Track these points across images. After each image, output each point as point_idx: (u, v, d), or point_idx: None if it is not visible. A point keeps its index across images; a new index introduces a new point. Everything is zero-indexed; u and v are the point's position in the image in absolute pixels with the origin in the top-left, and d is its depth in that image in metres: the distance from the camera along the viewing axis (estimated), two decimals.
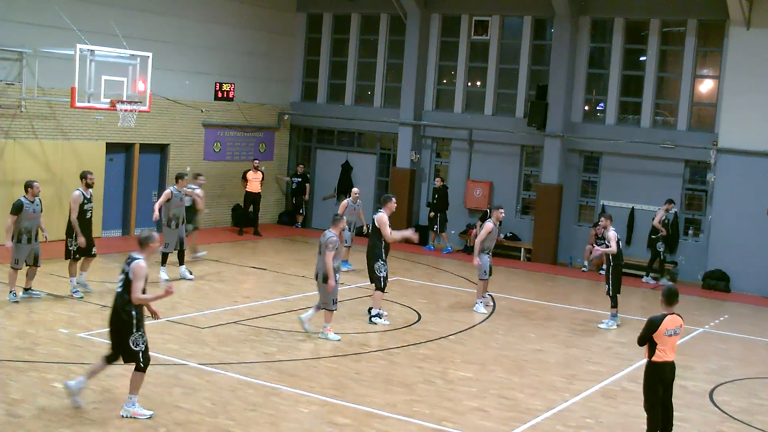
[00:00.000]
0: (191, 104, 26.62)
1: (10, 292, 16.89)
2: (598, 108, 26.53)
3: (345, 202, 22.54)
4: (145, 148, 25.81)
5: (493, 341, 16.57)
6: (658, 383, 11.10)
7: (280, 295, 19.27)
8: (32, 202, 16.99)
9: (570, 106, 25.94)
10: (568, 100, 25.80)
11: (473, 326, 17.63)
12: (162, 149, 26.43)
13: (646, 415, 11.24)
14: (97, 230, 24.04)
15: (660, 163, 24.83)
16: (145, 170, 25.96)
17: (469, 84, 28.11)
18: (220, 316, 16.96)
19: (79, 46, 19.92)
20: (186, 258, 20.50)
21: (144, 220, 25.94)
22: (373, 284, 17.32)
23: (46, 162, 22.96)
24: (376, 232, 17.24)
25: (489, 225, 18.74)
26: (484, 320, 18.20)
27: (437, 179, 27.18)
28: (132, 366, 11.40)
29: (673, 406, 11.38)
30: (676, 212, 24.47)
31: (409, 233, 17.91)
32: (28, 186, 17.06)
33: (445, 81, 28.60)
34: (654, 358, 11.02)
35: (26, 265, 17.06)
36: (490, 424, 12.03)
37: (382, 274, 17.14)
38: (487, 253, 18.93)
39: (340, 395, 12.71)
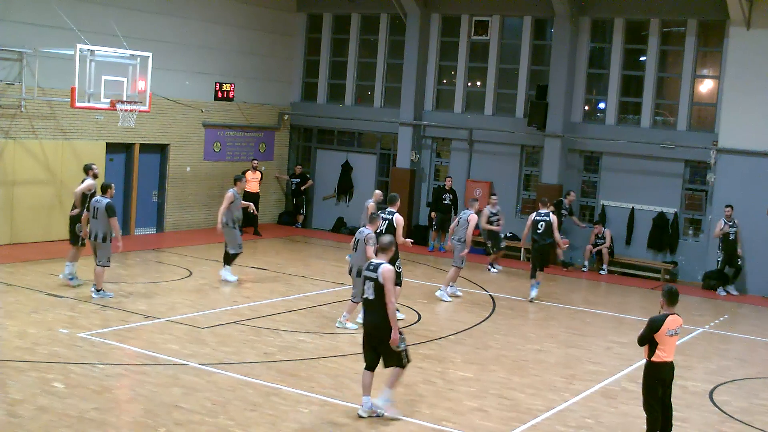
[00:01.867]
0: (191, 104, 26.63)
1: (100, 290, 17.63)
2: (598, 108, 26.53)
3: (371, 204, 22.08)
4: (145, 148, 25.81)
5: (493, 341, 16.57)
6: (658, 383, 11.10)
7: (280, 295, 19.27)
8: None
9: (570, 106, 25.95)
10: (568, 100, 25.81)
11: (473, 326, 17.63)
12: (162, 149, 26.43)
13: (645, 415, 11.24)
14: None
15: (660, 163, 24.83)
16: (145, 170, 25.96)
17: (469, 84, 28.12)
18: (220, 316, 16.96)
19: (79, 46, 19.94)
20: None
21: (144, 220, 26.00)
22: None
23: (46, 162, 22.96)
24: (392, 232, 17.29)
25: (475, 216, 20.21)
26: (483, 320, 18.20)
27: (448, 179, 27.03)
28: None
29: (673, 406, 11.39)
30: (676, 212, 24.48)
31: (409, 242, 18.39)
32: (107, 187, 17.82)
33: (445, 81, 28.60)
34: (654, 358, 11.02)
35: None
36: (491, 424, 12.04)
37: (400, 270, 17.48)
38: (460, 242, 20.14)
39: (341, 395, 12.71)
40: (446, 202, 26.70)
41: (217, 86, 27.40)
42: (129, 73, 20.85)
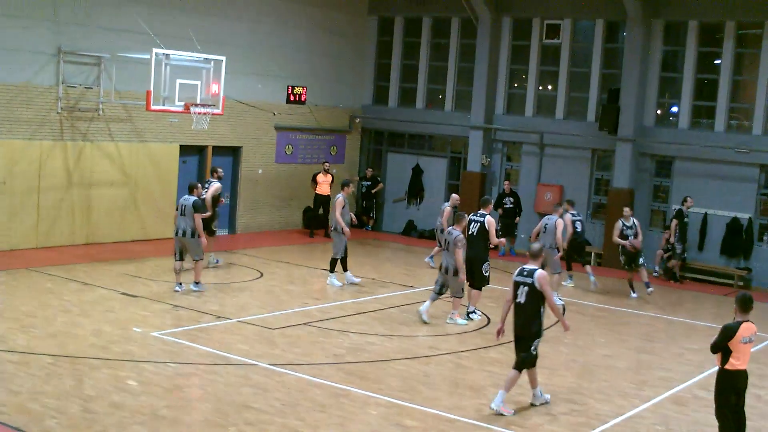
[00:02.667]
0: (263, 107, 26.90)
1: (197, 283, 18.54)
2: (670, 112, 26.22)
3: (448, 208, 22.37)
4: (218, 150, 26.14)
5: (563, 346, 16.48)
6: (731, 391, 10.94)
7: (349, 297, 19.37)
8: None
9: (642, 110, 25.69)
10: (640, 103, 25.55)
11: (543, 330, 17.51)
12: (234, 151, 26.74)
13: (718, 423, 11.08)
14: (170, 231, 24.44)
15: (734, 168, 24.46)
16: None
17: (540, 87, 27.99)
18: (290, 317, 17.11)
19: (154, 50, 20.26)
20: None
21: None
22: (475, 283, 17.89)
23: (121, 164, 23.38)
24: (483, 235, 17.76)
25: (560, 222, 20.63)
26: (552, 325, 18.08)
27: (506, 183, 26.97)
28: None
29: (747, 415, 11.22)
30: (750, 217, 24.14)
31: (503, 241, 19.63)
32: (193, 188, 18.72)
33: (516, 84, 28.50)
34: (727, 366, 10.86)
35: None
36: (559, 429, 11.98)
37: (487, 274, 17.92)
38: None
39: (409, 397, 12.75)
40: (507, 206, 26.61)
41: (289, 89, 27.62)
42: (203, 77, 21.14)
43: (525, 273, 12.48)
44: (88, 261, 20.89)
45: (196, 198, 18.37)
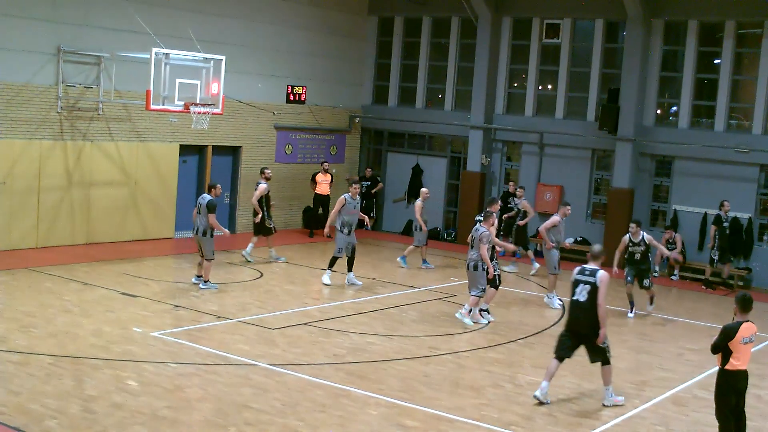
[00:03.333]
0: (263, 107, 26.90)
1: (207, 281, 18.78)
2: (670, 111, 26.23)
3: (419, 203, 22.93)
4: (218, 150, 26.15)
5: None
6: (731, 392, 10.94)
7: (349, 297, 19.37)
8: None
9: (642, 110, 25.68)
10: (640, 103, 25.54)
11: (543, 330, 17.56)
12: (234, 151, 26.74)
13: (718, 423, 11.08)
14: (170, 231, 24.53)
15: (734, 168, 24.46)
16: (218, 172, 26.27)
17: (540, 87, 27.99)
18: (290, 317, 17.11)
19: (154, 49, 20.24)
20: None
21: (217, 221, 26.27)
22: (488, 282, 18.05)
23: (121, 164, 23.37)
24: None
25: (555, 218, 20.15)
26: (553, 324, 18.12)
27: (511, 183, 26.91)
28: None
29: (747, 415, 11.22)
30: (750, 217, 24.14)
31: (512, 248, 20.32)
32: (211, 187, 19.03)
33: (516, 84, 28.51)
34: (727, 366, 10.85)
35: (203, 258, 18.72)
36: (559, 429, 11.99)
37: (497, 272, 18.03)
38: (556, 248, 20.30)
39: (409, 398, 12.75)
40: (512, 206, 26.55)
41: (289, 89, 27.63)
42: (202, 76, 21.12)
43: (587, 272, 12.92)
44: (88, 261, 20.89)
45: (211, 198, 18.73)
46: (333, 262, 20.37)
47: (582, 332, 12.92)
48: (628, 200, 25.40)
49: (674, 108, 25.96)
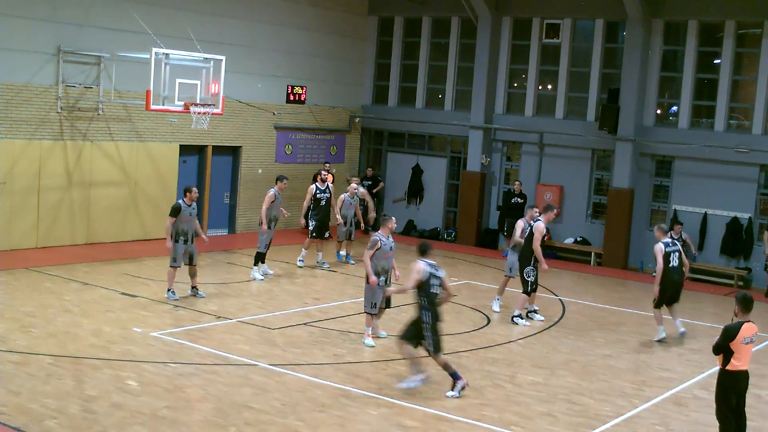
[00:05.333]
0: (263, 107, 26.90)
1: (168, 290, 17.78)
2: (670, 112, 26.22)
3: (342, 196, 22.98)
4: (218, 150, 26.14)
5: (563, 346, 16.48)
6: (732, 392, 10.94)
7: (350, 297, 19.36)
8: (189, 206, 17.82)
9: (642, 110, 25.68)
10: (640, 103, 25.54)
11: (542, 330, 17.55)
12: (234, 151, 26.73)
13: (718, 424, 11.08)
14: None
15: (734, 168, 24.45)
16: (218, 172, 26.29)
17: (540, 87, 27.99)
18: (291, 317, 17.11)
19: (154, 50, 20.22)
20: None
21: (216, 221, 26.32)
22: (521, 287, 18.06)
23: (121, 164, 23.37)
24: (530, 239, 17.77)
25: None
26: (553, 325, 18.11)
27: (517, 183, 26.90)
28: None
29: (747, 415, 11.21)
30: (750, 217, 24.13)
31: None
32: (186, 190, 17.97)
33: (516, 84, 28.51)
34: (728, 367, 10.85)
35: (184, 265, 17.90)
36: (559, 429, 11.98)
37: (530, 279, 17.76)
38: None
39: (409, 398, 12.74)
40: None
41: (289, 89, 27.64)
42: (202, 76, 21.10)
43: (671, 243, 16.97)
44: (88, 261, 20.88)
45: (179, 201, 17.88)
46: (261, 257, 20.56)
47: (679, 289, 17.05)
48: (628, 200, 25.40)
49: (674, 108, 25.96)
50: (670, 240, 17.39)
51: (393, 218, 15.98)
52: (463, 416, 12.11)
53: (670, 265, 17.01)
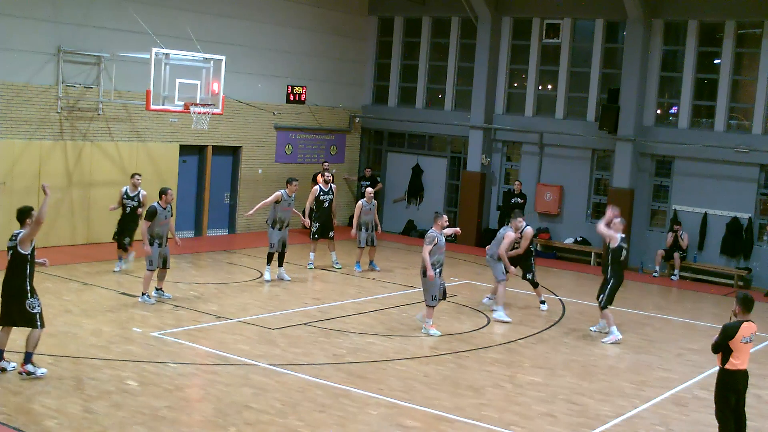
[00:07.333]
0: (263, 107, 26.90)
1: (143, 294, 17.41)
2: (670, 112, 26.22)
3: (360, 203, 22.57)
4: (218, 150, 26.15)
5: (563, 346, 16.48)
6: (731, 392, 10.95)
7: (349, 297, 19.37)
8: (164, 209, 17.55)
9: (642, 110, 25.67)
10: (640, 103, 25.53)
11: (542, 330, 17.55)
12: (234, 151, 26.74)
13: (717, 423, 11.09)
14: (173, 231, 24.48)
15: (734, 168, 24.45)
16: (218, 172, 26.30)
17: (540, 87, 27.99)
18: (291, 317, 17.11)
19: (154, 49, 20.23)
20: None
21: (216, 221, 26.33)
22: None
23: (121, 164, 23.37)
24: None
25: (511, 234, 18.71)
26: (553, 325, 18.12)
27: (517, 183, 26.88)
28: None
29: (747, 415, 11.22)
30: (750, 217, 24.13)
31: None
32: (162, 193, 17.71)
33: (516, 84, 28.51)
34: (727, 366, 10.87)
35: (157, 268, 17.59)
36: (559, 429, 11.99)
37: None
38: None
39: (409, 398, 12.75)
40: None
41: (289, 89, 27.66)
42: (202, 76, 21.11)
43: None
44: (88, 261, 20.88)
45: (154, 204, 17.53)
46: (270, 258, 20.34)
47: None
48: (628, 200, 25.39)
49: (674, 108, 25.96)
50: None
51: (444, 215, 16.79)
52: (463, 416, 12.11)
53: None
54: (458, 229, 19.61)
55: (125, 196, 20.06)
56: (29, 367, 12.31)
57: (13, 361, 12.76)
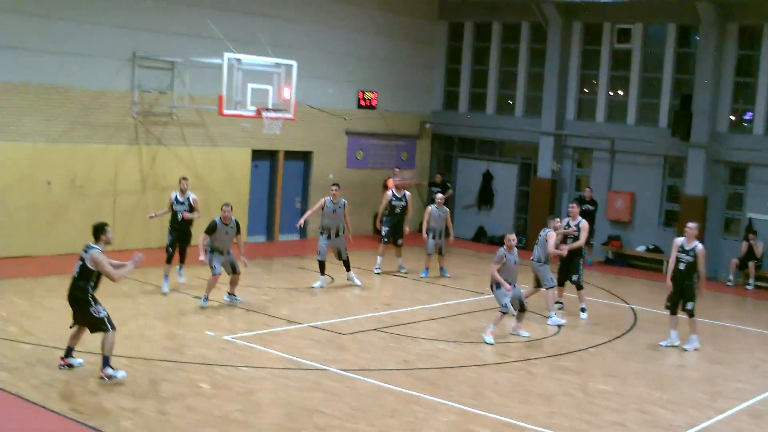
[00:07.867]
0: (334, 112, 27.03)
1: (204, 297, 17.62)
2: (745, 117, 25.81)
3: (429, 209, 22.55)
4: (289, 155, 26.35)
5: (634, 355, 16.32)
6: None
7: (420, 303, 19.39)
8: (226, 225, 17.63)
9: (715, 116, 25.31)
10: (713, 109, 25.18)
11: (614, 339, 17.39)
12: (305, 156, 26.92)
13: None
14: (242, 235, 24.71)
15: None
16: (289, 177, 26.50)
17: (612, 93, 27.75)
18: (361, 322, 17.18)
19: (226, 55, 20.45)
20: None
21: (287, 226, 26.50)
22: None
23: (195, 168, 23.66)
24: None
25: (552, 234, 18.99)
26: (625, 333, 17.94)
27: (588, 189, 26.64)
28: None
29: None
30: None
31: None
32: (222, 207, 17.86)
33: (587, 90, 28.31)
34: None
35: (227, 274, 17.81)
36: None
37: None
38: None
39: (479, 405, 12.73)
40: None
41: (360, 94, 27.79)
42: (274, 82, 21.28)
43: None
44: (162, 264, 21.09)
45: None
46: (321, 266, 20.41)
47: None
48: (701, 208, 25.04)
49: (749, 114, 25.54)
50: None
51: (512, 236, 16.83)
52: (533, 424, 12.05)
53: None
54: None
55: (175, 202, 19.54)
56: (108, 371, 12.51)
57: (80, 358, 13.04)
